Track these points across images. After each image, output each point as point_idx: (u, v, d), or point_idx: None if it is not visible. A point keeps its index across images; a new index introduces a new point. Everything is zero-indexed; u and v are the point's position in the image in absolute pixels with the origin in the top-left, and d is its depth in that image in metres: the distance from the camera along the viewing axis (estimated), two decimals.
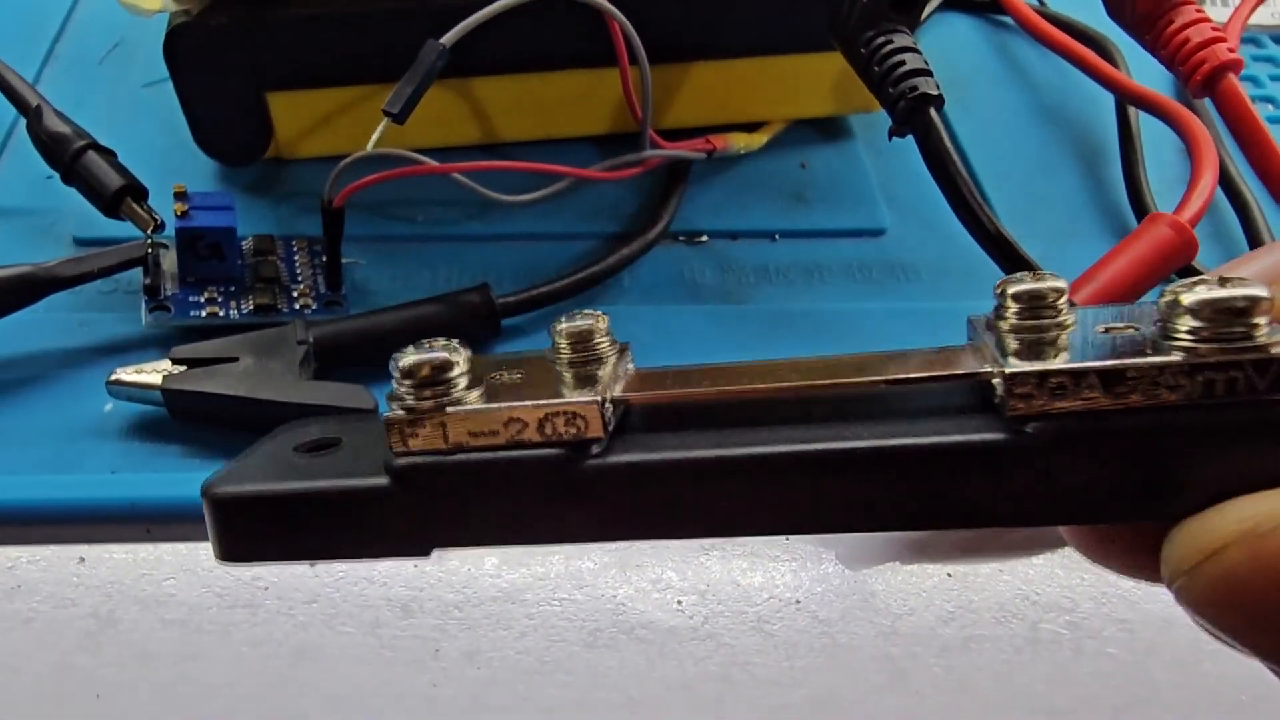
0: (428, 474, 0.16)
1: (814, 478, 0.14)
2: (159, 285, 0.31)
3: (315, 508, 0.16)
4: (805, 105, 0.38)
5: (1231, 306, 0.13)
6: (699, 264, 0.35)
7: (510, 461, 0.15)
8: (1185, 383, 0.13)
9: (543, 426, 0.15)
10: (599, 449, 0.15)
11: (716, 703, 0.25)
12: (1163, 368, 0.13)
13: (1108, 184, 0.38)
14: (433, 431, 0.15)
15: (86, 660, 0.25)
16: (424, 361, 0.16)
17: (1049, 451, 0.13)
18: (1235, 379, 0.13)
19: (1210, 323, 0.13)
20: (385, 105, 0.28)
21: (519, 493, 0.15)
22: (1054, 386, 0.13)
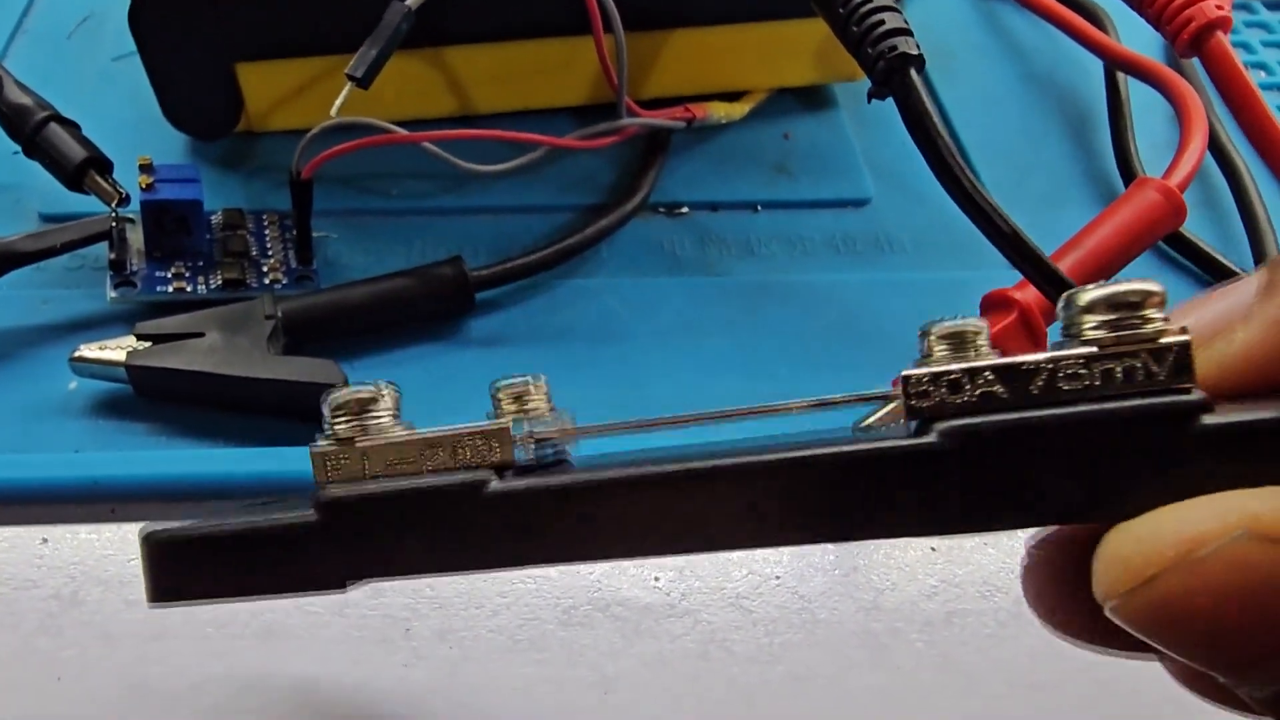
0: (350, 506, 0.16)
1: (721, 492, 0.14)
2: (124, 260, 0.30)
3: (244, 545, 0.16)
4: (788, 74, 0.37)
5: (1124, 300, 0.13)
6: (679, 236, 0.34)
7: (425, 489, 0.16)
8: (1084, 373, 0.13)
9: (456, 452, 0.16)
10: (511, 474, 0.16)
11: (693, 680, 0.24)
12: (1059, 359, 0.13)
13: (1097, 151, 0.37)
14: (355, 462, 0.16)
15: (48, 643, 0.24)
16: (351, 396, 0.16)
17: (957, 451, 0.13)
18: (1133, 368, 0.13)
19: (1107, 318, 0.13)
20: (348, 69, 0.27)
21: (435, 520, 0.16)
22: (950, 383, 0.13)
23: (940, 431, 0.13)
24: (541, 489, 0.15)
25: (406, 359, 0.30)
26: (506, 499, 0.15)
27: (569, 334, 0.31)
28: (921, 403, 0.13)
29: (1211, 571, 0.11)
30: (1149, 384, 0.12)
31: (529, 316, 0.31)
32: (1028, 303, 0.27)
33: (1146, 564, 0.11)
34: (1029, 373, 0.13)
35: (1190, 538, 0.11)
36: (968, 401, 0.13)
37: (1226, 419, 0.12)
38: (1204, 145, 0.29)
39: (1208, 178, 0.36)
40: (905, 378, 0.13)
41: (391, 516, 0.16)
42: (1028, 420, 0.13)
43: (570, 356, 0.30)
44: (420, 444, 0.16)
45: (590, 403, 0.29)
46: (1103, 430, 0.12)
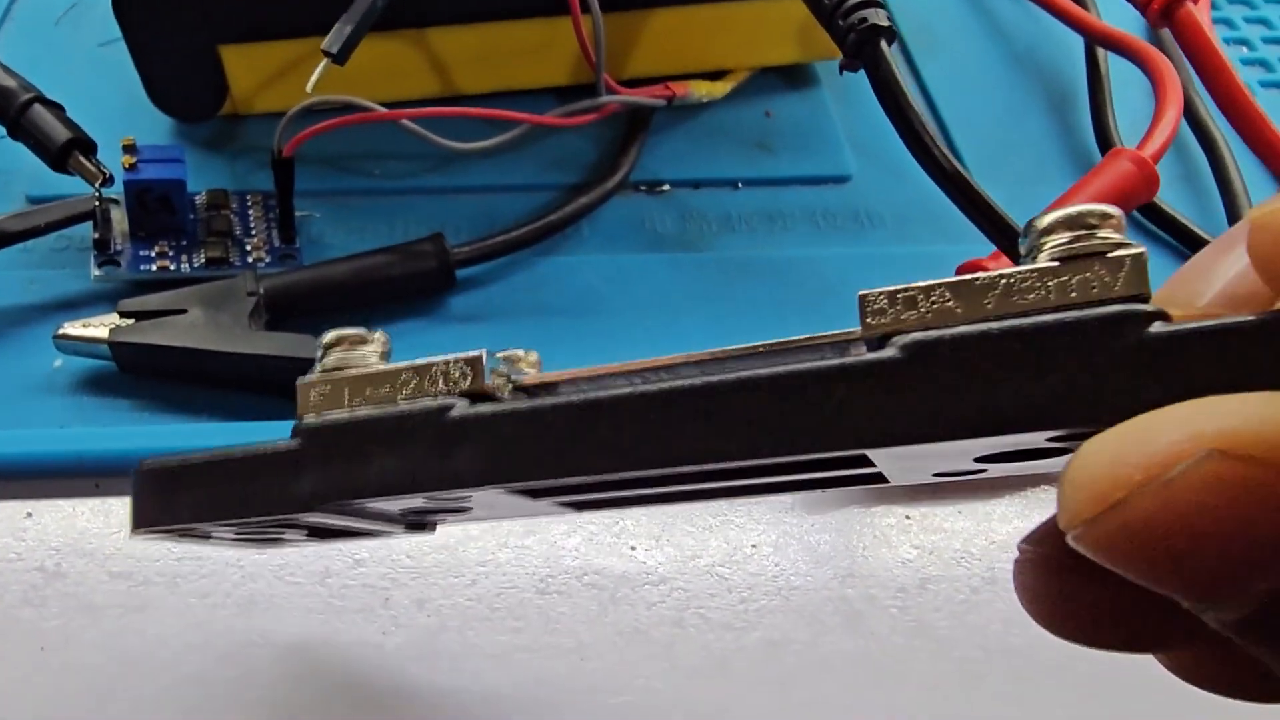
0: (323, 430, 0.17)
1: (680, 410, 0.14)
2: (109, 240, 0.30)
3: (226, 470, 0.17)
4: (769, 52, 0.37)
5: (1082, 221, 0.13)
6: (660, 213, 0.34)
7: (392, 415, 0.16)
8: (1037, 286, 0.13)
9: (427, 380, 0.16)
10: (484, 403, 0.16)
11: (668, 647, 0.25)
12: (1012, 274, 0.13)
13: (1076, 128, 0.38)
14: (335, 391, 0.17)
15: (31, 614, 0.24)
16: (339, 334, 0.17)
17: (915, 363, 0.13)
18: (1086, 280, 0.12)
19: (1065, 237, 0.13)
20: (324, 45, 0.28)
21: (403, 444, 0.16)
22: (906, 300, 0.13)
23: (897, 345, 0.13)
24: (505, 413, 0.15)
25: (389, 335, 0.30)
26: (472, 423, 0.15)
27: (550, 310, 0.31)
28: (878, 319, 0.13)
29: (1182, 492, 0.10)
30: (1102, 294, 0.12)
31: (510, 293, 0.32)
32: None
33: (1113, 487, 0.11)
34: (983, 287, 0.13)
35: (1158, 458, 0.10)
36: (922, 317, 0.13)
37: (1182, 325, 0.12)
38: (1178, 116, 0.29)
39: (1187, 152, 0.36)
40: (861, 296, 0.13)
41: (361, 441, 0.16)
42: (980, 331, 0.12)
43: (551, 332, 0.31)
44: (394, 374, 0.16)
45: None
46: (1055, 339, 0.12)
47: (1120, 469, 0.11)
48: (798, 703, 0.24)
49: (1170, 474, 0.10)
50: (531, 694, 0.24)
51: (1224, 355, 0.11)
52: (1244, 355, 0.11)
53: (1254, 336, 0.11)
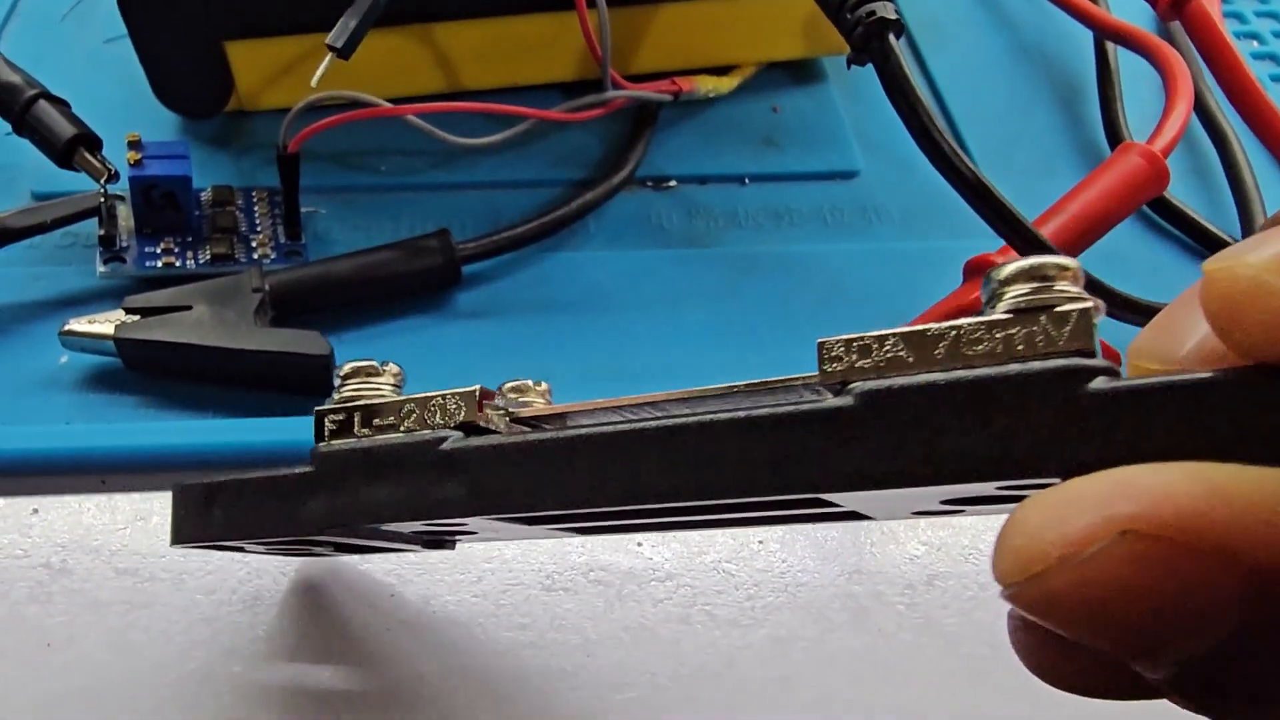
0: (334, 458, 0.18)
1: (649, 450, 0.15)
2: (114, 236, 0.30)
3: (254, 491, 0.19)
4: (776, 47, 0.37)
5: (1039, 273, 0.13)
6: (666, 209, 0.34)
7: (390, 445, 0.17)
8: (985, 338, 0.13)
9: (426, 413, 0.17)
10: (475, 436, 0.17)
11: (674, 644, 0.24)
12: (961, 326, 0.13)
13: (1085, 122, 0.37)
14: (346, 420, 0.18)
15: (37, 610, 0.24)
16: (356, 367, 0.19)
17: (866, 410, 0.13)
18: (1032, 333, 0.13)
19: (1022, 289, 0.13)
20: (328, 40, 0.28)
21: (401, 473, 0.17)
22: (860, 348, 0.13)
23: (853, 393, 0.13)
24: (491, 446, 0.16)
25: (394, 331, 0.30)
26: (461, 455, 0.17)
27: (556, 306, 0.31)
28: (833, 366, 0.14)
29: (1095, 571, 0.11)
30: (1047, 348, 0.12)
31: (516, 289, 0.31)
32: None
33: (1032, 560, 0.11)
34: (933, 338, 0.13)
35: (1074, 537, 0.11)
36: (875, 365, 0.13)
37: (1120, 383, 0.12)
38: (1188, 110, 0.29)
39: (1197, 146, 0.36)
40: (820, 343, 0.14)
41: (366, 468, 0.18)
42: (927, 382, 0.13)
43: (557, 328, 0.30)
44: (398, 405, 0.18)
45: (577, 374, 0.29)
46: (996, 392, 0.12)
47: (1039, 545, 0.11)
48: (804, 700, 0.24)
49: (1084, 554, 0.11)
50: (537, 690, 0.24)
51: (1159, 416, 0.11)
52: (1179, 417, 0.11)
53: (1190, 397, 0.11)
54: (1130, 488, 0.11)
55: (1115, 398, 0.12)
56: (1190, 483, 0.11)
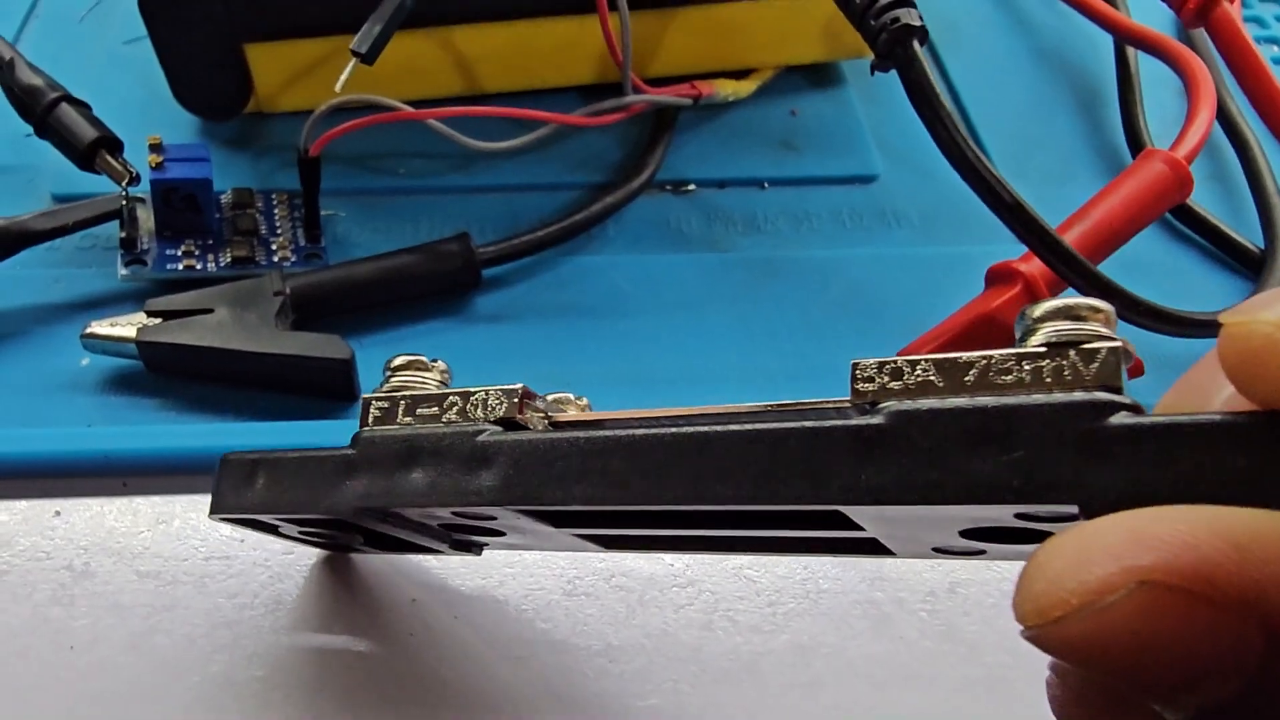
0: (374, 443, 0.19)
1: (691, 456, 0.15)
2: (135, 239, 0.30)
3: (294, 468, 0.20)
4: (795, 51, 0.37)
5: (1073, 312, 0.13)
6: (685, 213, 0.34)
7: (429, 434, 0.18)
8: (1015, 368, 0.13)
9: (473, 408, 0.18)
10: (513, 431, 0.17)
11: (696, 650, 0.24)
12: (993, 356, 0.13)
13: (1105, 126, 0.37)
14: (391, 408, 0.19)
15: (60, 613, 0.24)
16: (408, 360, 0.20)
17: (896, 428, 0.13)
18: (1061, 367, 0.13)
19: (1057, 327, 0.13)
20: (352, 45, 0.28)
21: (439, 461, 0.18)
22: (892, 371, 0.14)
23: (883, 411, 0.14)
24: (526, 441, 0.17)
25: (414, 335, 0.30)
26: (497, 447, 0.17)
27: (576, 310, 0.31)
28: (866, 386, 0.14)
29: (1113, 619, 0.11)
30: (1074, 383, 0.13)
31: (536, 293, 0.31)
32: (1033, 274, 0.27)
33: (1051, 606, 0.11)
34: (964, 365, 0.14)
35: (1092, 586, 0.11)
36: (906, 388, 0.14)
37: (1141, 419, 0.12)
38: (1211, 117, 0.29)
39: (1218, 152, 0.36)
40: (854, 364, 0.14)
41: (406, 454, 0.18)
42: (954, 406, 0.13)
43: (577, 332, 0.30)
44: (442, 397, 0.19)
45: (597, 378, 0.29)
46: (1019, 419, 0.13)
47: (1058, 591, 0.11)
48: (826, 706, 0.24)
49: (1102, 603, 0.11)
50: (558, 696, 0.24)
51: (1179, 454, 0.12)
52: (1198, 456, 0.12)
53: (1210, 437, 0.12)
54: (1149, 537, 0.11)
55: (1137, 433, 0.12)
56: (1209, 533, 0.11)
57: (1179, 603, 0.11)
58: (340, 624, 0.25)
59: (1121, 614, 0.11)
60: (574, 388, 0.29)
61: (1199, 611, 0.11)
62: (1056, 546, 0.12)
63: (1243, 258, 0.32)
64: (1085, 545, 0.11)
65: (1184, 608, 0.11)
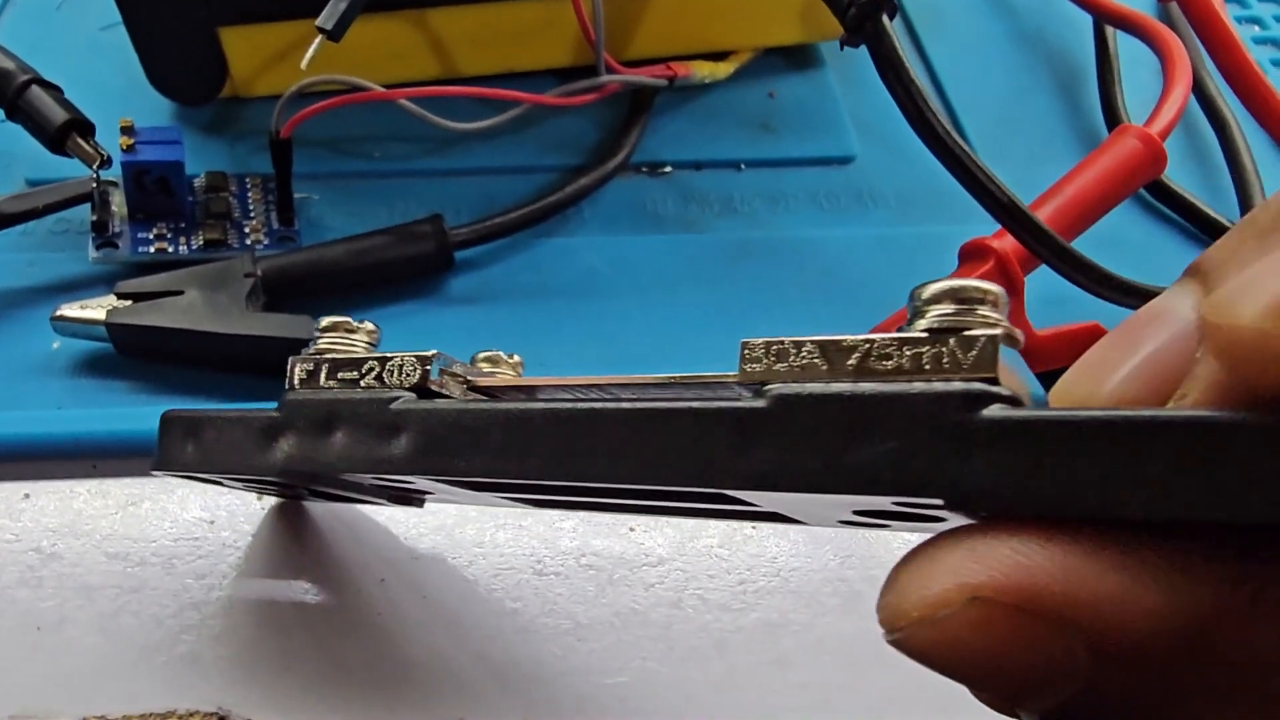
0: (296, 406, 0.19)
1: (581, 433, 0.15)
2: (107, 222, 0.30)
3: (227, 426, 0.20)
4: (772, 33, 0.37)
5: (962, 295, 0.13)
6: (661, 195, 0.34)
7: (346, 399, 0.18)
8: (895, 354, 0.13)
9: (390, 374, 0.18)
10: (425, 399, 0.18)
11: (666, 628, 0.24)
12: (874, 340, 0.13)
13: (1085, 107, 0.37)
14: (315, 371, 0.19)
15: (28, 594, 0.24)
16: (334, 322, 0.20)
17: (778, 413, 0.13)
18: (940, 354, 0.13)
19: (945, 310, 0.13)
20: (318, 22, 0.27)
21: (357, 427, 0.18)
22: (778, 352, 0.14)
23: (767, 395, 0.13)
24: (436, 410, 0.17)
25: (387, 317, 0.30)
26: (408, 415, 0.17)
27: (550, 292, 0.31)
28: (753, 367, 0.14)
29: (948, 630, 0.12)
30: (951, 370, 0.13)
31: (510, 275, 0.31)
32: (1005, 251, 0.27)
33: (896, 617, 0.12)
34: (847, 349, 0.13)
35: (930, 600, 0.12)
36: (791, 370, 0.14)
37: (1011, 413, 0.12)
38: (1186, 93, 0.29)
39: (1196, 131, 0.36)
40: (743, 344, 0.14)
41: (326, 418, 0.18)
42: (833, 392, 0.13)
43: (551, 314, 0.30)
44: (361, 361, 0.19)
45: (571, 359, 0.29)
46: (895, 408, 0.12)
47: (902, 603, 0.12)
48: (796, 683, 0.24)
49: (938, 615, 0.12)
50: (529, 675, 0.24)
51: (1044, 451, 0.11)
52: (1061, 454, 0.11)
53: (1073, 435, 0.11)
54: (984, 556, 0.12)
55: (1004, 427, 0.12)
56: (1040, 554, 0.11)
57: (1007, 617, 0.11)
58: (310, 605, 0.25)
59: (955, 626, 0.12)
60: (548, 369, 0.29)
61: (1026, 626, 0.11)
62: (906, 562, 0.12)
63: (1218, 234, 0.32)
64: (929, 562, 0.12)
65: (1012, 622, 0.11)
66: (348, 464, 0.18)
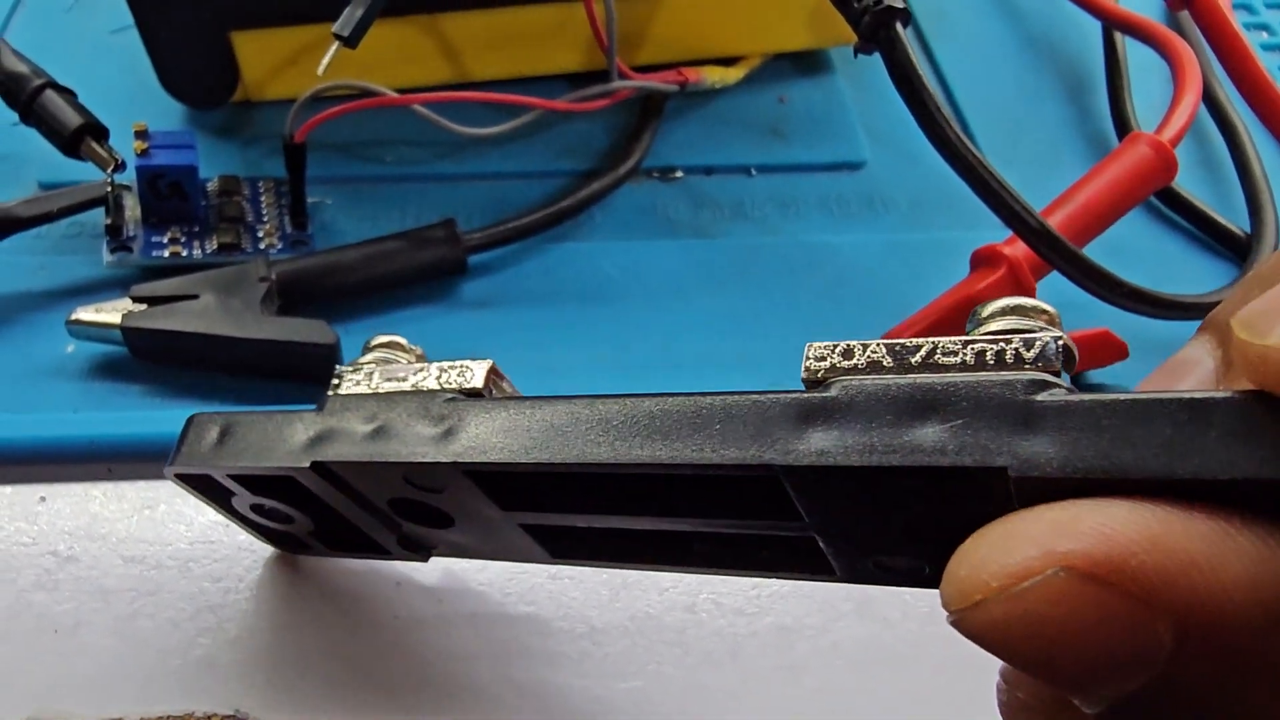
0: (345, 400, 0.19)
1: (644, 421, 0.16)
2: (121, 226, 0.30)
3: (258, 423, 0.20)
4: (782, 38, 0.37)
5: (1021, 309, 0.14)
6: (672, 200, 0.34)
7: (402, 394, 0.19)
8: (960, 352, 0.14)
9: (443, 375, 0.19)
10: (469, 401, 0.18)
11: (680, 633, 0.24)
12: (940, 341, 0.14)
13: (1093, 112, 0.37)
14: (362, 379, 0.20)
15: (44, 597, 0.24)
16: (387, 339, 0.21)
17: (844, 398, 0.14)
18: (1003, 352, 0.14)
19: (1005, 323, 0.14)
20: (335, 29, 0.27)
21: (404, 420, 0.18)
22: (844, 351, 0.15)
23: (831, 385, 0.14)
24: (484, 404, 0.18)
25: (400, 321, 0.30)
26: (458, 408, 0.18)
27: (562, 296, 0.31)
28: (818, 365, 0.15)
29: (1032, 604, 0.11)
30: (1014, 366, 0.13)
31: (522, 279, 0.31)
32: (1016, 258, 0.27)
33: (973, 590, 0.12)
34: (912, 349, 0.14)
35: (1012, 570, 0.11)
36: (855, 367, 0.14)
37: (1070, 396, 0.13)
38: (1197, 100, 0.29)
39: (1206, 139, 0.36)
40: (808, 345, 0.15)
41: (368, 415, 0.19)
42: (902, 382, 0.14)
43: (563, 318, 0.30)
44: (414, 369, 0.20)
45: (583, 364, 0.29)
46: (963, 394, 0.13)
47: (980, 574, 0.12)
48: (810, 689, 0.24)
49: (1020, 587, 0.11)
50: (543, 679, 0.24)
51: (1104, 431, 0.12)
52: (1121, 434, 0.12)
53: (1134, 416, 0.12)
54: (1069, 527, 0.11)
55: (1068, 406, 0.12)
56: (1129, 525, 0.11)
57: (1094, 591, 0.11)
58: (325, 609, 0.25)
59: (1035, 599, 0.11)
60: (560, 374, 0.29)
61: (1112, 601, 0.11)
62: (982, 535, 0.12)
63: (1229, 242, 0.32)
64: (1009, 533, 0.12)
65: (1098, 596, 0.11)
66: (388, 451, 0.18)
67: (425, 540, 0.22)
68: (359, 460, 0.18)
